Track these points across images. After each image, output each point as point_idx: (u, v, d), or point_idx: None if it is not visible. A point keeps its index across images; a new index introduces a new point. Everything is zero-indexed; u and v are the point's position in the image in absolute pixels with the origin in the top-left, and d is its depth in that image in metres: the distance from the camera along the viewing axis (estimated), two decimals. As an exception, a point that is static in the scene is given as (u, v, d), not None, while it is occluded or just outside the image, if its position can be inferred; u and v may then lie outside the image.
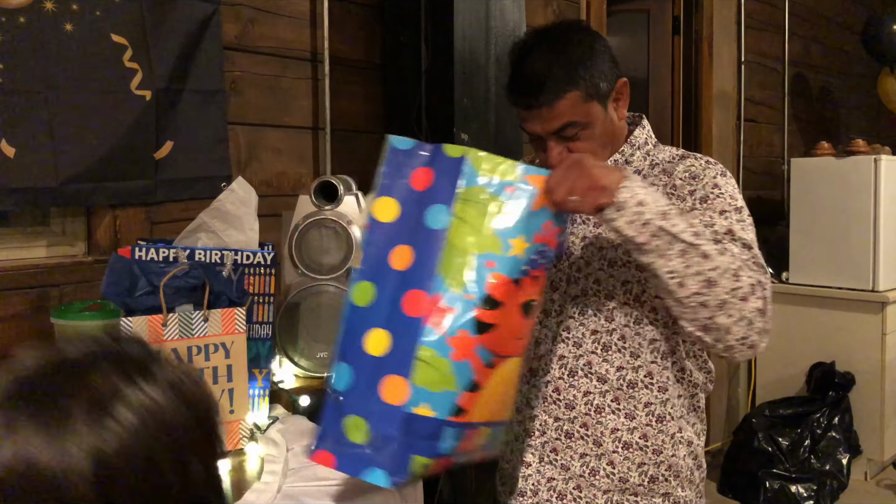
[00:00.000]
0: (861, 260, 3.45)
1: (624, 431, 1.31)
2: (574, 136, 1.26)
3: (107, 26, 1.74)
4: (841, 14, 4.86)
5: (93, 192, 1.75)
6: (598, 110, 1.27)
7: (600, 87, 1.26)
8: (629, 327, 1.30)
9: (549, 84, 1.23)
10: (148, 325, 1.31)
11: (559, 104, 1.23)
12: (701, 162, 1.30)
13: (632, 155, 1.36)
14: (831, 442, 3.27)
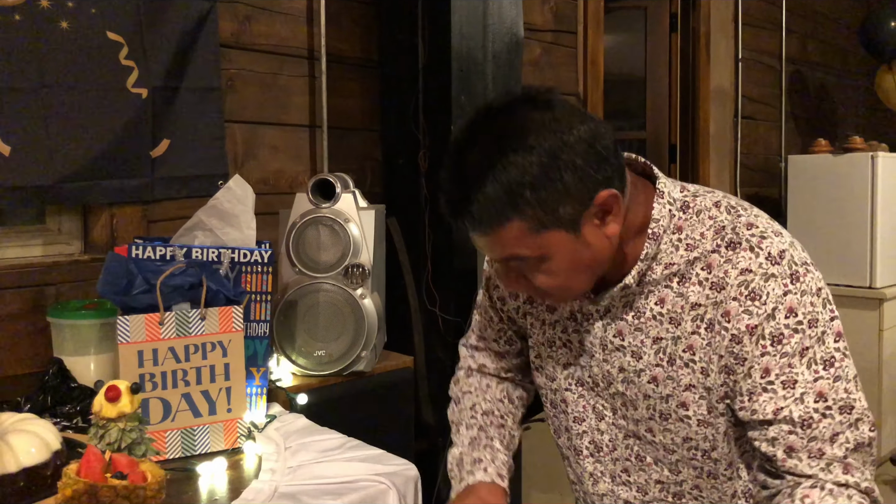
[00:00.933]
0: (858, 257, 3.45)
1: None
2: (527, 266, 0.97)
3: (102, 24, 1.73)
4: (838, 11, 4.86)
5: (89, 190, 1.74)
6: (559, 239, 0.94)
7: (559, 212, 0.91)
8: (702, 479, 1.04)
9: (478, 208, 0.91)
10: (145, 323, 1.30)
11: (497, 232, 0.93)
12: (760, 260, 0.95)
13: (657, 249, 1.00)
14: (829, 439, 3.28)
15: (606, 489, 1.13)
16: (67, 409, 1.45)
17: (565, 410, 1.15)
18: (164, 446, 1.32)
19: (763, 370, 0.93)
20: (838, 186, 3.52)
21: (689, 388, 0.99)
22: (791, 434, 0.92)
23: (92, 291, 1.73)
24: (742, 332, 0.93)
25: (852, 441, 0.92)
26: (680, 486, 1.07)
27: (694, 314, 0.98)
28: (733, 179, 3.89)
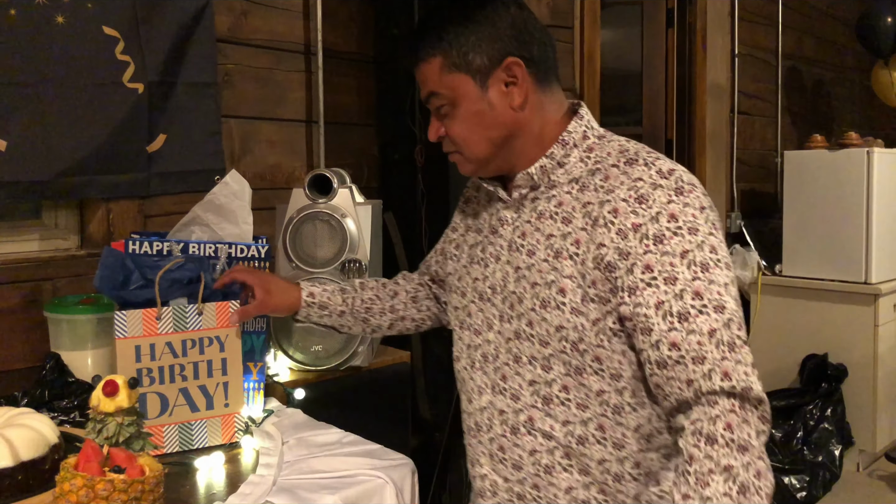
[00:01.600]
0: (854, 252, 3.46)
1: (580, 489, 1.12)
2: (442, 110, 1.14)
3: (98, 19, 1.73)
4: (834, 6, 4.86)
5: (86, 185, 1.74)
6: (467, 85, 1.10)
7: (469, 57, 1.09)
8: (571, 377, 1.10)
9: (416, 44, 1.14)
10: (142, 318, 1.30)
11: (422, 67, 1.13)
12: (651, 174, 1.06)
13: (566, 156, 1.14)
14: (824, 433, 3.29)
15: (487, 401, 1.19)
16: (65, 404, 1.45)
17: (469, 326, 1.24)
18: (162, 441, 1.32)
19: (645, 266, 1.01)
20: (834, 182, 3.53)
21: (570, 276, 1.08)
22: (672, 331, 0.98)
23: (89, 287, 1.74)
24: (628, 228, 1.03)
25: (726, 339, 0.97)
26: (549, 387, 1.12)
27: (584, 212, 1.09)
28: (729, 175, 3.90)
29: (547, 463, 1.13)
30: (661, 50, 3.73)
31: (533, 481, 1.15)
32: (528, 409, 1.14)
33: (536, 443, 1.14)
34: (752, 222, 3.95)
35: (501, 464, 1.18)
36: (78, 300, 1.62)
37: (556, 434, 1.12)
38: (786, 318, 3.67)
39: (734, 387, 0.95)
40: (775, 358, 3.70)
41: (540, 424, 1.13)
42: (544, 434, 1.13)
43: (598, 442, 1.11)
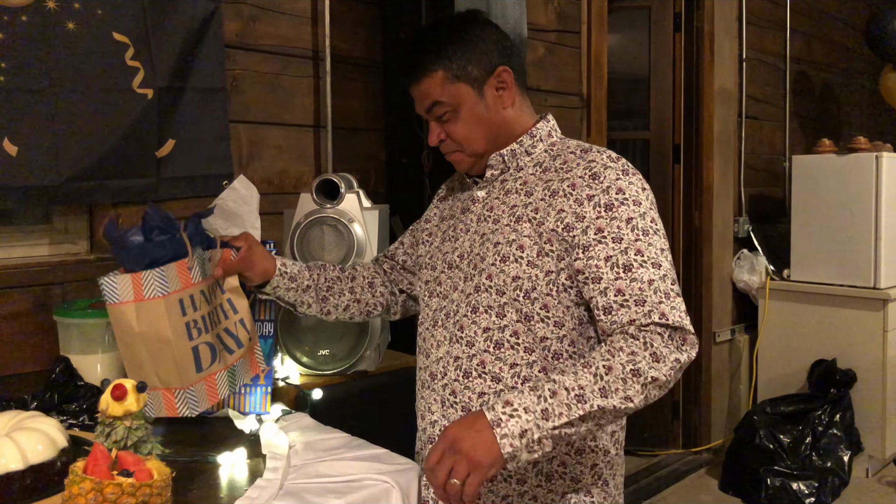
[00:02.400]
0: (863, 257, 3.45)
1: None
2: (444, 116, 1.31)
3: (108, 25, 1.74)
4: (843, 10, 4.85)
5: (95, 190, 1.76)
6: (466, 92, 1.30)
7: (468, 69, 1.29)
8: (521, 323, 1.26)
9: (418, 62, 1.31)
10: (177, 271, 1.29)
11: (425, 81, 1.30)
12: (602, 158, 1.27)
13: (532, 147, 1.34)
14: (833, 439, 3.28)
15: (444, 351, 1.33)
16: (74, 407, 1.46)
17: (438, 293, 1.38)
18: (216, 391, 1.33)
19: (597, 229, 1.21)
20: (842, 187, 3.52)
21: (528, 236, 1.26)
22: (618, 280, 1.18)
23: (98, 291, 1.74)
24: (583, 198, 1.24)
25: (662, 290, 1.17)
26: (502, 332, 1.27)
27: (545, 186, 1.29)
28: (737, 179, 3.90)
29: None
30: (669, 54, 3.73)
31: None
32: (481, 354, 1.28)
33: (485, 385, 1.27)
34: (759, 227, 3.94)
35: (452, 408, 1.30)
36: (87, 304, 1.63)
37: (504, 376, 1.26)
38: (794, 324, 3.66)
39: (668, 324, 1.14)
40: (783, 363, 3.68)
41: (490, 367, 1.27)
42: (493, 377, 1.27)
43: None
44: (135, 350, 1.27)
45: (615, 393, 1.10)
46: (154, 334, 1.26)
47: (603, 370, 1.11)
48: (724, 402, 3.86)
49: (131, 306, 1.26)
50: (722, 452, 3.55)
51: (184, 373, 1.29)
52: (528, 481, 1.28)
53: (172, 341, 1.26)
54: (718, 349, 3.80)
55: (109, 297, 1.25)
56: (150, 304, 1.26)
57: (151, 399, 1.27)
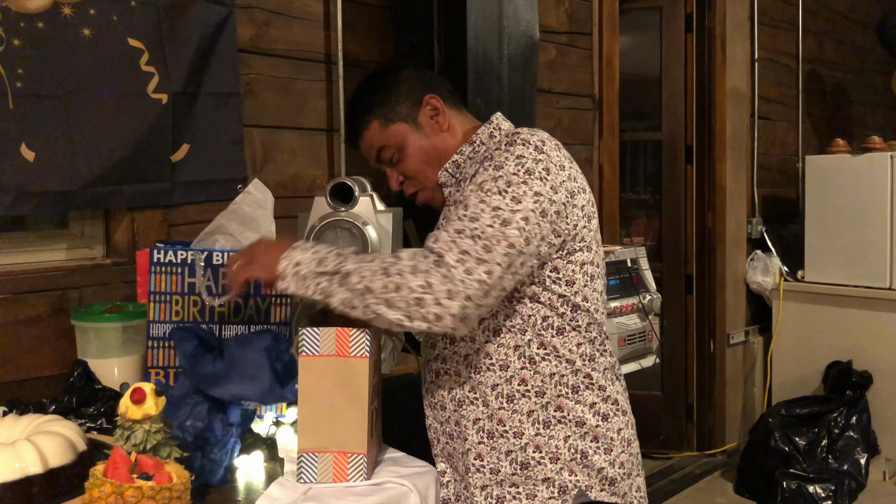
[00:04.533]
0: (877, 258, 3.42)
1: (484, 420, 1.32)
2: (393, 159, 1.42)
3: (124, 30, 1.76)
4: (855, 10, 4.82)
5: (111, 194, 1.77)
6: (404, 129, 1.40)
7: (397, 109, 1.40)
8: (490, 342, 1.32)
9: (354, 122, 1.43)
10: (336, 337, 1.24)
11: (365, 136, 1.42)
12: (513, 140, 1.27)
13: (475, 151, 1.39)
14: (849, 441, 3.25)
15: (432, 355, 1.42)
16: (92, 411, 1.47)
17: None
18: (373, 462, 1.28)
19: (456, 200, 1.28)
20: (857, 187, 3.49)
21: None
22: (437, 229, 1.25)
23: (114, 295, 1.76)
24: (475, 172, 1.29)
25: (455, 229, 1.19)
26: (478, 354, 1.33)
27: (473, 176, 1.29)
28: (750, 180, 3.88)
29: (459, 398, 1.34)
30: (681, 55, 3.72)
31: (455, 419, 1.35)
32: (470, 380, 1.33)
33: (479, 411, 1.33)
34: (773, 228, 3.91)
35: (451, 438, 1.37)
36: (104, 308, 1.65)
37: (490, 399, 1.32)
38: (809, 325, 3.63)
39: (433, 249, 1.18)
40: (798, 365, 3.66)
41: (479, 393, 1.33)
42: (484, 402, 1.33)
43: (524, 395, 1.31)
44: (319, 406, 1.22)
45: (363, 273, 1.18)
46: (351, 393, 1.22)
47: (370, 258, 1.22)
48: (739, 405, 3.84)
49: (332, 360, 1.22)
50: (737, 455, 3.53)
51: (363, 437, 1.22)
52: (502, 470, 1.31)
53: (366, 402, 1.22)
54: (732, 351, 3.78)
55: (309, 348, 1.22)
56: (355, 361, 1.22)
57: (318, 462, 1.22)
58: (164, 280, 1.55)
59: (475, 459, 1.32)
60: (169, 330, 1.52)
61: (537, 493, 1.28)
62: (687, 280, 3.77)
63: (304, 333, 1.23)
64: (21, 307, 1.65)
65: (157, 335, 1.53)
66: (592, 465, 1.30)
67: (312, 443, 1.21)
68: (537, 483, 1.28)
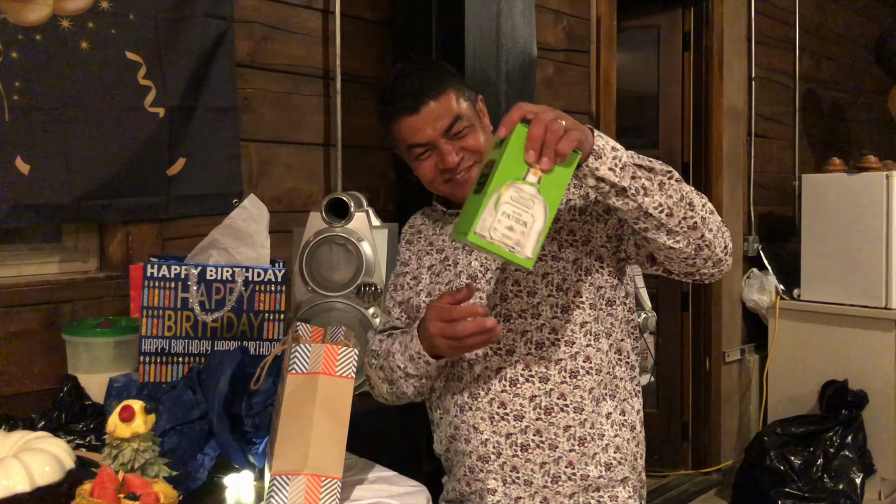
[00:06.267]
0: (873, 277, 3.42)
1: (576, 427, 1.31)
2: (463, 132, 1.34)
3: (122, 44, 1.76)
4: (851, 29, 4.85)
5: (106, 208, 1.76)
6: (473, 112, 1.37)
7: (466, 92, 1.37)
8: (557, 318, 1.31)
9: (433, 84, 1.34)
10: None
11: (443, 99, 1.33)
12: None
13: None
14: (845, 461, 3.24)
15: (481, 368, 1.34)
16: (81, 427, 1.45)
17: None
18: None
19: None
20: (853, 206, 3.49)
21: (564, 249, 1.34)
22: None
23: (107, 309, 1.75)
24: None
25: None
26: (540, 332, 1.31)
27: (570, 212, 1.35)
28: (747, 198, 3.88)
29: (546, 405, 1.30)
30: (678, 73, 3.74)
31: (535, 427, 1.30)
32: (524, 359, 1.31)
33: (535, 388, 1.31)
34: (769, 246, 3.92)
35: (503, 420, 1.32)
36: (96, 323, 1.64)
37: (552, 374, 1.31)
38: (804, 344, 3.62)
39: None
40: (794, 383, 3.65)
41: (536, 369, 1.31)
42: (541, 377, 1.31)
43: (587, 373, 1.31)
44: (299, 426, 1.16)
45: (685, 186, 1.19)
46: (333, 414, 1.17)
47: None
48: (734, 423, 3.83)
49: (318, 378, 1.17)
50: (732, 474, 3.51)
51: (340, 460, 1.18)
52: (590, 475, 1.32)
53: (347, 424, 1.17)
54: (728, 369, 3.77)
55: (299, 365, 1.19)
56: (342, 381, 1.18)
57: (290, 485, 1.15)
58: (158, 295, 1.54)
59: (566, 468, 1.32)
60: (161, 345, 1.51)
61: (618, 495, 1.34)
62: (683, 297, 3.77)
63: (297, 350, 1.21)
64: (12, 321, 1.64)
65: (150, 350, 1.52)
66: (638, 467, 1.40)
67: (288, 465, 1.16)
68: (616, 484, 1.34)
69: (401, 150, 1.41)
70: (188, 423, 1.33)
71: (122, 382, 1.46)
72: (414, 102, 1.33)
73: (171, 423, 1.32)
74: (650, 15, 3.77)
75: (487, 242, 1.09)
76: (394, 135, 1.39)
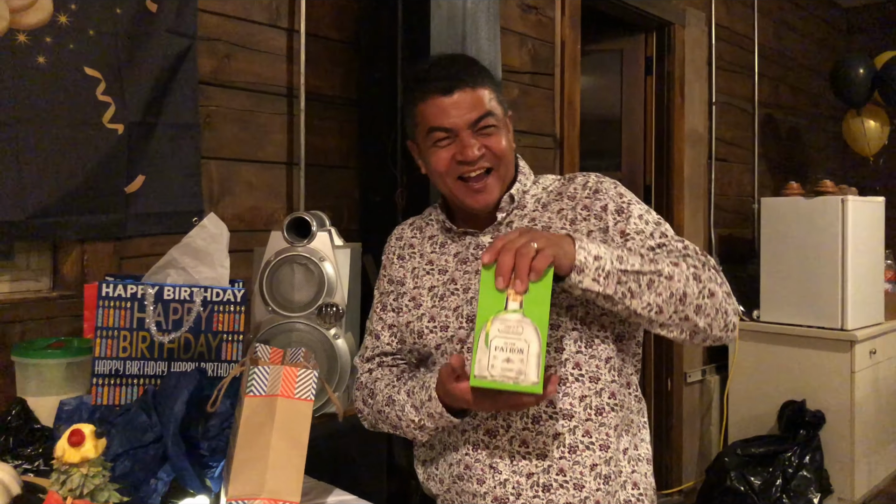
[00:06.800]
0: (830, 299, 3.50)
1: (602, 465, 1.26)
2: (489, 129, 1.30)
3: (80, 59, 1.73)
4: (809, 57, 4.99)
5: (61, 226, 1.72)
6: (504, 119, 1.34)
7: (499, 97, 1.34)
8: (581, 352, 1.26)
9: (469, 73, 1.30)
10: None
11: (480, 90, 1.29)
12: (592, 178, 1.34)
13: (525, 185, 1.38)
14: (803, 481, 3.28)
15: None
16: (29, 452, 1.41)
17: (461, 351, 1.31)
18: None
19: (621, 232, 1.27)
20: (810, 229, 3.58)
21: None
22: (659, 249, 1.25)
23: (60, 329, 1.71)
24: (599, 211, 1.29)
25: (693, 250, 1.26)
26: (564, 367, 1.26)
27: (558, 216, 1.32)
28: (707, 220, 3.95)
29: (570, 443, 1.24)
30: (641, 96, 3.80)
31: (559, 466, 1.24)
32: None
33: (558, 425, 1.24)
34: (729, 268, 3.97)
35: (525, 459, 1.25)
36: (47, 344, 1.59)
37: (576, 410, 1.25)
38: (764, 364, 3.68)
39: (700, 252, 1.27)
40: (754, 404, 3.70)
41: (560, 405, 1.25)
42: (564, 414, 1.25)
43: (612, 409, 1.27)
44: (256, 449, 1.15)
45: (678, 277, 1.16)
46: (291, 437, 1.15)
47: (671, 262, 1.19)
48: (696, 444, 3.86)
49: (276, 401, 1.16)
50: (693, 494, 3.54)
51: (298, 484, 1.15)
52: None
53: (306, 447, 1.15)
54: (690, 390, 3.81)
55: (257, 388, 1.17)
56: (300, 404, 1.17)
57: None
58: (113, 315, 1.50)
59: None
60: (115, 367, 1.48)
61: None
62: (645, 318, 3.80)
63: (255, 372, 1.19)
64: (-40, 341, 1.59)
65: (103, 372, 1.48)
66: (655, 500, 1.38)
67: (245, 489, 1.13)
68: None
69: (419, 135, 1.33)
70: (141, 447, 1.30)
71: (72, 405, 1.42)
72: (449, 84, 1.28)
73: (123, 448, 1.28)
74: (614, 39, 3.84)
75: (490, 382, 1.10)
76: (417, 116, 1.32)
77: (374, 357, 1.47)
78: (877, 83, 4.16)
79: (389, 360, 1.47)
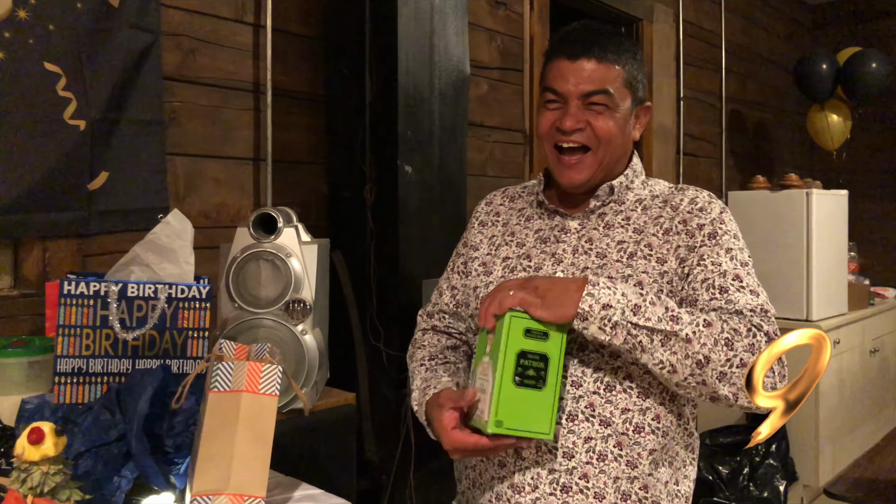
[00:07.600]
0: (795, 290, 3.56)
1: (624, 480, 1.20)
2: (600, 107, 1.26)
3: (40, 54, 1.71)
4: (774, 53, 5.06)
5: (21, 223, 1.70)
6: (627, 101, 1.29)
7: (635, 86, 1.29)
8: (637, 365, 1.19)
9: (604, 46, 1.26)
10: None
11: (605, 65, 1.25)
12: (704, 195, 1.31)
13: (631, 182, 1.35)
14: (769, 469, 3.34)
15: None
16: (-10, 452, 1.39)
17: None
18: None
19: (700, 256, 1.23)
20: (776, 222, 3.64)
21: (645, 272, 1.24)
22: (713, 300, 1.19)
23: (20, 328, 1.69)
24: (693, 228, 1.26)
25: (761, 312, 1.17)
26: (615, 374, 1.21)
27: (654, 223, 1.29)
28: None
29: (600, 450, 1.20)
30: (610, 92, 3.83)
31: (583, 471, 1.19)
32: (589, 396, 1.20)
33: (593, 430, 1.19)
34: (698, 260, 4.03)
35: (550, 454, 1.21)
36: (8, 342, 1.57)
37: (615, 421, 1.20)
38: (732, 355, 3.73)
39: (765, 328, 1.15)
40: (722, 394, 3.75)
41: (600, 410, 1.20)
42: (602, 420, 1.20)
43: (653, 432, 1.21)
44: (221, 444, 1.14)
45: (703, 340, 1.09)
46: (256, 432, 1.15)
47: (703, 321, 1.11)
48: (666, 434, 3.91)
49: (240, 396, 1.15)
50: (664, 484, 3.58)
51: (263, 480, 1.14)
52: None
53: (271, 443, 1.15)
54: (660, 381, 3.85)
55: (221, 384, 1.16)
56: (265, 399, 1.16)
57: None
58: (75, 313, 1.49)
59: None
60: (78, 365, 1.46)
61: None
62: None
63: (219, 368, 1.19)
64: (-82, 341, 1.56)
65: (66, 370, 1.47)
66: None
67: (209, 485, 1.13)
68: None
69: (541, 87, 1.33)
70: (105, 445, 1.29)
71: (34, 404, 1.41)
72: (576, 50, 1.25)
73: (86, 445, 1.28)
74: (583, 35, 3.86)
75: (475, 422, 1.16)
76: (545, 70, 1.31)
77: (434, 313, 1.50)
78: (840, 78, 4.24)
79: (445, 322, 1.49)
